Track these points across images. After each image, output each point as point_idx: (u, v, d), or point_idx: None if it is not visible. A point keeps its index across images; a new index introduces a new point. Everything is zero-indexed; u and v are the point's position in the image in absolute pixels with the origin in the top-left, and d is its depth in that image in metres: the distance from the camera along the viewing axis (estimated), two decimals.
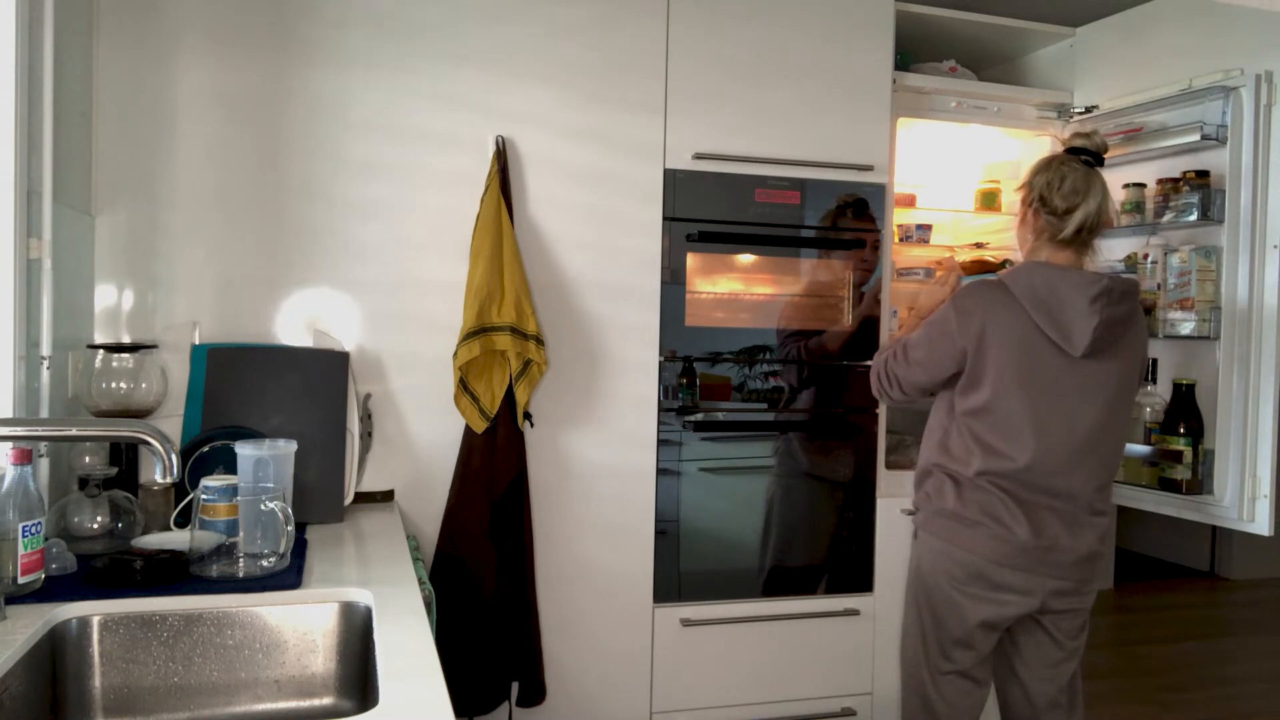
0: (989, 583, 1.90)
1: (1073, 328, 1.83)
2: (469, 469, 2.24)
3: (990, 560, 1.88)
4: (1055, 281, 1.85)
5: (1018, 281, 1.89)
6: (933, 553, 1.97)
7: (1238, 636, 4.45)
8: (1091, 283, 1.83)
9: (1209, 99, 2.39)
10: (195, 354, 2.07)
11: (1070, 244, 1.91)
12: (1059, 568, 1.89)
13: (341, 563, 1.66)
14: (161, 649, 1.38)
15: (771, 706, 2.53)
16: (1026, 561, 1.87)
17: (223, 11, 2.11)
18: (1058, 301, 1.84)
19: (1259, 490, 2.28)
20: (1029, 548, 1.86)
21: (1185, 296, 2.42)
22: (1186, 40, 2.50)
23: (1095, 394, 1.88)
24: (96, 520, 1.66)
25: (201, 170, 2.12)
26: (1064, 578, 1.89)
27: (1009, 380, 1.86)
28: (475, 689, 2.23)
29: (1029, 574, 1.88)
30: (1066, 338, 1.84)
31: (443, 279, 2.25)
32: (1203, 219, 2.38)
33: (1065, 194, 1.87)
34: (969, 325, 1.89)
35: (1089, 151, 1.91)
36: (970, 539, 1.90)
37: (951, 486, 1.94)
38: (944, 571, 1.94)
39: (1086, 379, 1.87)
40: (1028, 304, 1.85)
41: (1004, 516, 1.87)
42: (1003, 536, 1.87)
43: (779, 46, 2.49)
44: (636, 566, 2.43)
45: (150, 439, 1.24)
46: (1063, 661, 2.00)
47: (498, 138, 2.27)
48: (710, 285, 2.51)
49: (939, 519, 1.96)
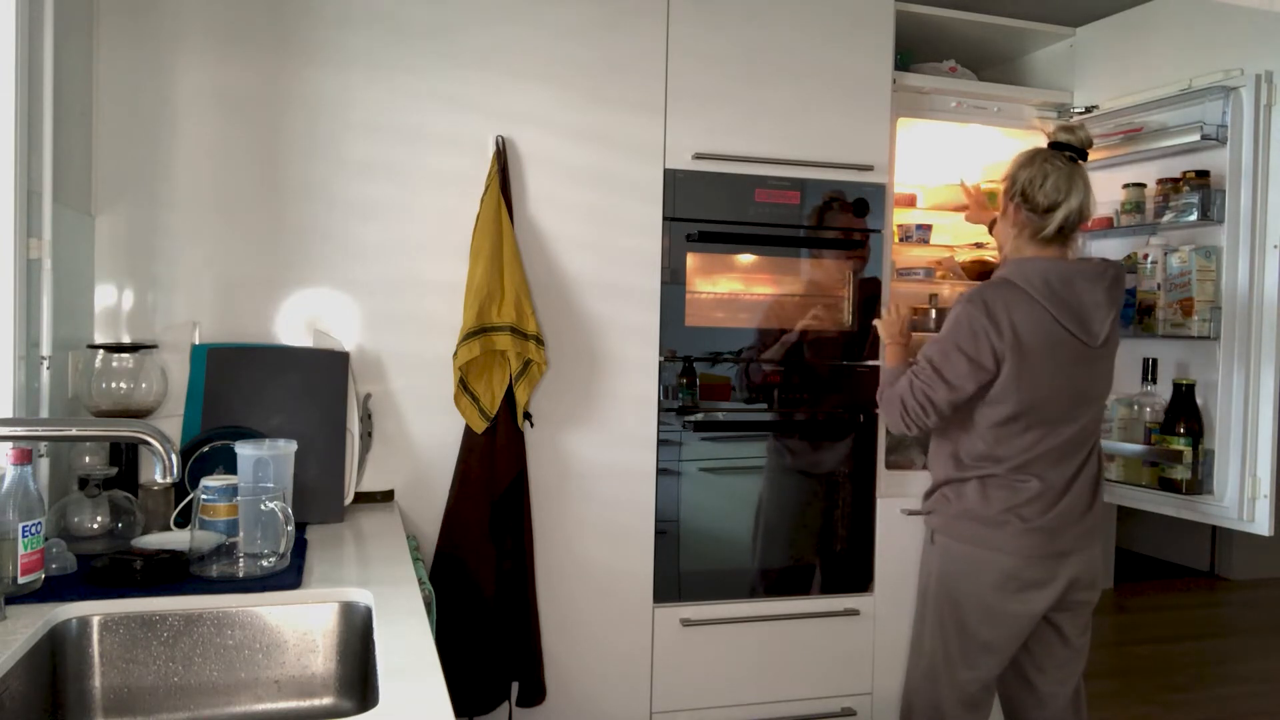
0: (1020, 580, 1.91)
1: (1092, 319, 1.85)
2: (469, 469, 2.24)
3: (1019, 555, 1.89)
4: (1068, 275, 1.85)
5: (1030, 279, 1.86)
6: (957, 557, 1.96)
7: (1238, 636, 4.45)
8: (1101, 273, 1.87)
9: (1209, 99, 2.39)
10: (195, 354, 2.07)
11: (1052, 241, 1.90)
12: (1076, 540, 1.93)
13: (341, 563, 1.66)
14: (161, 649, 1.38)
15: (771, 706, 2.53)
16: (1050, 549, 1.90)
17: (223, 11, 2.11)
18: (1074, 294, 1.84)
19: (1259, 490, 2.28)
20: (1050, 534, 1.90)
21: (1185, 297, 2.42)
22: (1186, 40, 2.50)
23: (1099, 379, 1.96)
24: (96, 520, 1.66)
25: (201, 170, 2.12)
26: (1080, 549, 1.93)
27: (1042, 377, 1.86)
28: (475, 689, 2.23)
29: (1054, 561, 1.91)
30: (1086, 329, 1.85)
31: (443, 279, 2.24)
32: (1203, 219, 2.38)
33: (1048, 191, 1.86)
34: (1000, 327, 1.84)
35: (1072, 147, 1.89)
36: (998, 538, 1.90)
37: (974, 486, 1.94)
38: (970, 575, 1.94)
39: (1094, 365, 1.93)
40: (1044, 299, 1.85)
41: (1025, 511, 1.89)
42: (1026, 531, 1.89)
43: (779, 46, 2.49)
44: (636, 566, 2.43)
45: (150, 439, 1.24)
46: (1071, 661, 2.02)
47: (498, 138, 2.27)
48: (710, 285, 2.51)
49: (962, 521, 1.95)
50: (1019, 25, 2.84)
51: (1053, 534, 1.91)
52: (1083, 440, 1.95)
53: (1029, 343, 1.84)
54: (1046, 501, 1.90)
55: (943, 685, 1.99)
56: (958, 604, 1.96)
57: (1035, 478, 1.90)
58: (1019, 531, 1.89)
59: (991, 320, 1.84)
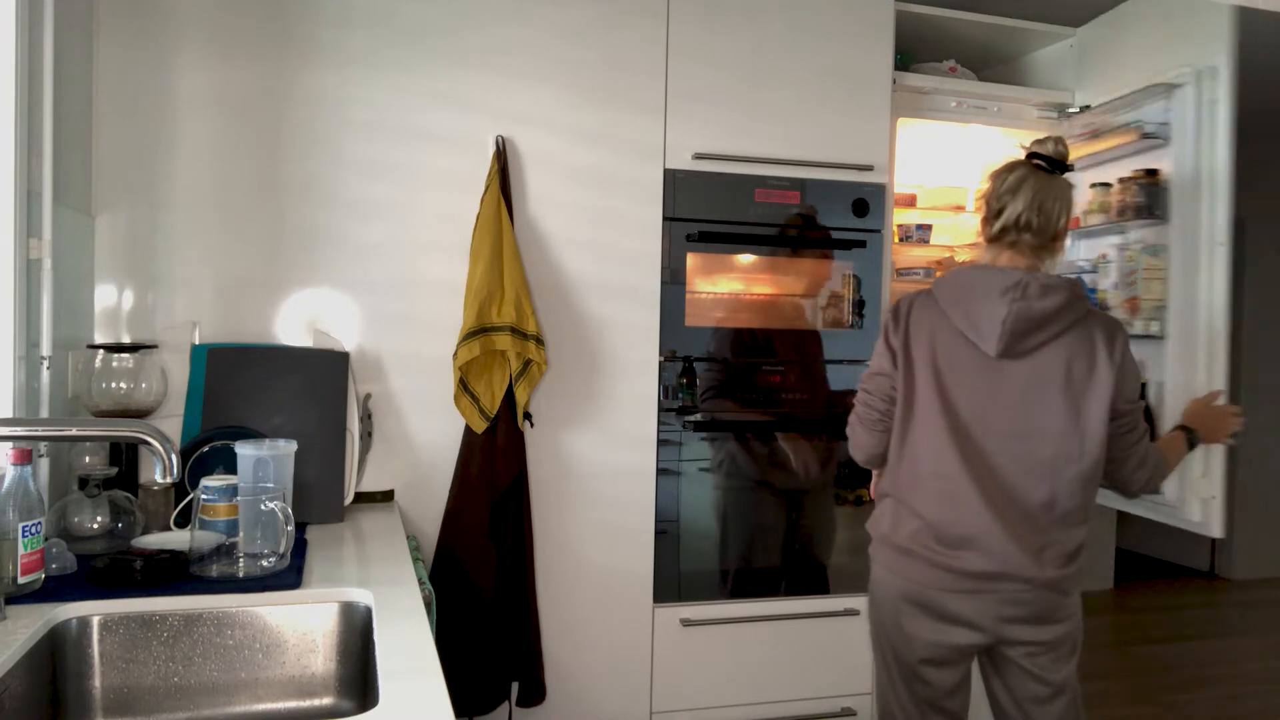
0: (933, 611, 1.74)
1: (983, 322, 1.70)
2: (469, 469, 2.24)
3: (932, 587, 1.73)
4: (973, 278, 1.75)
5: (940, 282, 1.81)
6: (876, 581, 1.85)
7: (1238, 636, 4.45)
8: (1007, 276, 1.71)
9: (1153, 99, 2.37)
10: (195, 354, 2.07)
11: (999, 242, 1.79)
12: (1009, 594, 1.69)
13: (341, 563, 1.66)
14: (161, 649, 1.38)
15: (771, 706, 2.53)
16: (972, 586, 1.70)
17: (223, 11, 2.12)
18: (970, 296, 1.73)
19: (1210, 490, 2.24)
20: (972, 573, 1.69)
21: (1132, 295, 2.40)
22: (1165, 35, 2.47)
23: (1037, 395, 1.69)
24: (96, 520, 1.66)
25: (201, 170, 2.12)
26: (1019, 603, 1.70)
27: (930, 380, 1.74)
28: (475, 689, 2.23)
29: (976, 599, 1.71)
30: (979, 333, 1.71)
31: (443, 279, 2.25)
32: (1149, 217, 2.37)
33: (999, 194, 1.79)
34: (897, 327, 1.80)
35: (1041, 156, 1.79)
36: (908, 567, 1.77)
37: (889, 509, 1.82)
38: (888, 601, 1.81)
39: (1022, 379, 1.69)
40: (945, 302, 1.76)
41: (935, 542, 1.72)
42: (941, 563, 1.71)
43: (779, 47, 2.49)
44: (636, 566, 2.43)
45: (150, 439, 1.24)
46: (1051, 699, 1.78)
47: (498, 138, 2.27)
48: (710, 285, 2.51)
49: (879, 546, 1.84)
50: (1019, 25, 2.84)
51: (980, 586, 1.71)
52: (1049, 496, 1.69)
53: (923, 340, 1.76)
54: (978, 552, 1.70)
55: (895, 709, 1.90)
56: (881, 628, 1.87)
57: (955, 520, 1.72)
58: (930, 564, 1.74)
59: (894, 317, 1.82)
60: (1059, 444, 1.69)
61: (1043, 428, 1.69)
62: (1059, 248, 1.79)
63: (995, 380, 1.70)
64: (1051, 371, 1.69)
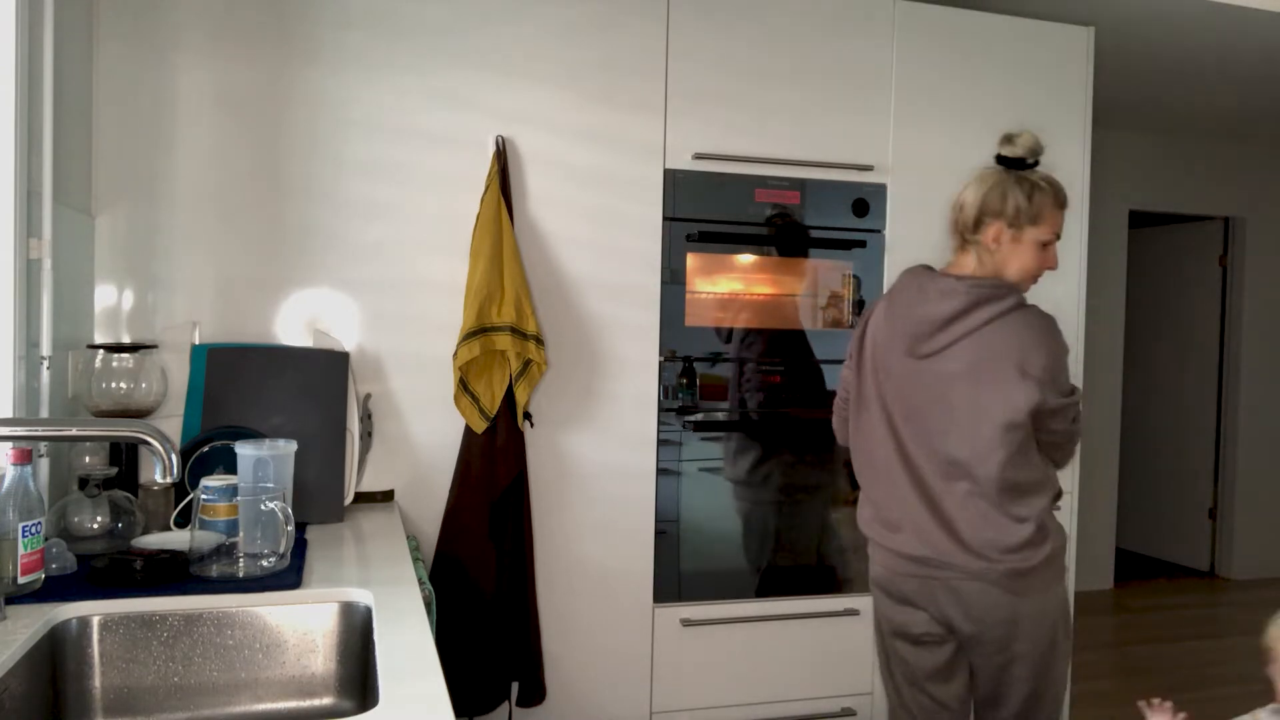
0: (892, 594, 1.83)
1: (897, 322, 1.77)
2: (469, 469, 2.24)
3: (885, 568, 1.83)
4: (904, 282, 1.81)
5: (895, 282, 1.86)
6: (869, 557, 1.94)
7: (1238, 636, 4.45)
8: (919, 280, 1.77)
9: None
10: (195, 354, 2.07)
11: (954, 243, 1.81)
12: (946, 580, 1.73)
13: (341, 563, 1.66)
14: (161, 649, 1.38)
15: (771, 706, 2.53)
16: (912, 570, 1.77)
17: (223, 11, 2.12)
18: (896, 299, 1.79)
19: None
20: (908, 555, 1.76)
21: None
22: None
23: (946, 394, 1.70)
24: (96, 520, 1.66)
25: (201, 170, 2.12)
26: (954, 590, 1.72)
27: (871, 376, 1.81)
28: (475, 689, 2.23)
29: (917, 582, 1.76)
30: (893, 333, 1.77)
31: (443, 279, 2.25)
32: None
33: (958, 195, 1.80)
34: (860, 326, 1.88)
35: (1003, 158, 1.77)
36: (872, 550, 1.87)
37: (860, 497, 1.90)
38: (871, 580, 1.91)
39: (933, 377, 1.71)
40: (889, 301, 1.82)
41: (881, 525, 1.81)
42: (887, 545, 1.80)
43: (779, 46, 2.49)
44: (636, 566, 2.43)
45: (150, 439, 1.24)
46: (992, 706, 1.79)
47: (498, 138, 2.27)
48: (710, 285, 2.51)
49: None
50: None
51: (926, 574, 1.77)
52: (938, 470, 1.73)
53: (872, 337, 1.83)
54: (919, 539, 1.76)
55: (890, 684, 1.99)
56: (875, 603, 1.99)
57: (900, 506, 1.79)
58: (882, 549, 1.83)
59: (861, 317, 1.91)
60: (970, 442, 1.67)
61: (950, 425, 1.70)
62: (987, 240, 1.73)
63: (913, 378, 1.75)
64: (957, 371, 1.69)
